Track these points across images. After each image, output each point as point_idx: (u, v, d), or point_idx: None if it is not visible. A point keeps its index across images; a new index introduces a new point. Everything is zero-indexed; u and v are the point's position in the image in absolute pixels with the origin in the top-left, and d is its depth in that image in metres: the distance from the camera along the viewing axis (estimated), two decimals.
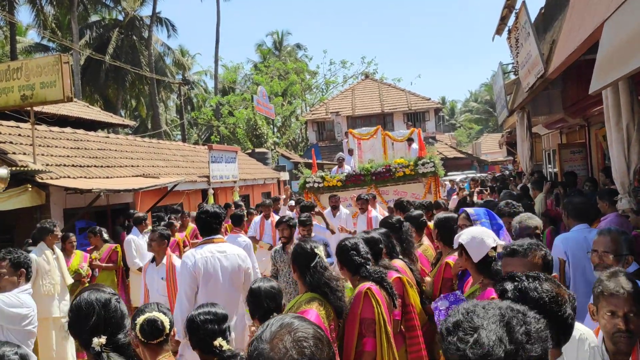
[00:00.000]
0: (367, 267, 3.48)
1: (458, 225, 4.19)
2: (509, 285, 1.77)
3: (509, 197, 7.05)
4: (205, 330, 2.60)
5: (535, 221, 4.12)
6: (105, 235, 8.32)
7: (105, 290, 2.54)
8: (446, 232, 4.17)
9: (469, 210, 4.12)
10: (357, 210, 8.87)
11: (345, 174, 10.92)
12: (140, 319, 2.52)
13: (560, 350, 1.73)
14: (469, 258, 3.18)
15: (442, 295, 3.30)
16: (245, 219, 8.76)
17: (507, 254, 2.54)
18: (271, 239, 8.65)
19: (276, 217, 8.40)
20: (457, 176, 19.76)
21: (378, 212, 8.78)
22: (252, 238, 8.44)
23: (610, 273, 2.31)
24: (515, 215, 4.49)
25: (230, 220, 8.30)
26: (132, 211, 9.24)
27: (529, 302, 1.67)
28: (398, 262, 4.09)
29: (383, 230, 4.38)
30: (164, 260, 5.45)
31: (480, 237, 3.19)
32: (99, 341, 2.27)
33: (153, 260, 5.54)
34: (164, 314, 2.62)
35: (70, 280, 6.65)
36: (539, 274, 1.79)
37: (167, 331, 2.57)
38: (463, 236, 3.22)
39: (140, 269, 7.59)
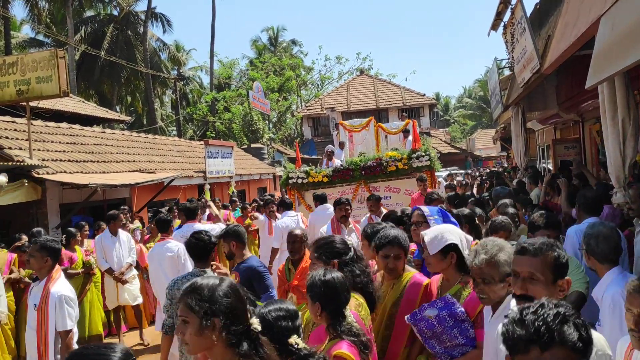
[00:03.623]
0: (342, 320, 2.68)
1: (412, 222, 4.06)
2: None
3: (506, 194, 7.06)
4: (279, 327, 2.35)
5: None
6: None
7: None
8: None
9: (424, 208, 3.98)
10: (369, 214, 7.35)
11: (332, 168, 9.85)
12: None
13: None
14: (452, 259, 3.00)
15: (424, 304, 2.88)
16: (172, 223, 6.76)
17: (516, 251, 2.32)
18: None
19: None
20: (443, 172, 19.49)
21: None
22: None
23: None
24: (556, 227, 3.97)
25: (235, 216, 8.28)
26: (113, 211, 9.14)
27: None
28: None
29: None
30: (42, 283, 4.07)
31: (462, 234, 3.07)
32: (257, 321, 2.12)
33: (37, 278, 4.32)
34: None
35: None
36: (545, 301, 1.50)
37: None
38: (449, 236, 3.01)
39: (108, 271, 7.36)
